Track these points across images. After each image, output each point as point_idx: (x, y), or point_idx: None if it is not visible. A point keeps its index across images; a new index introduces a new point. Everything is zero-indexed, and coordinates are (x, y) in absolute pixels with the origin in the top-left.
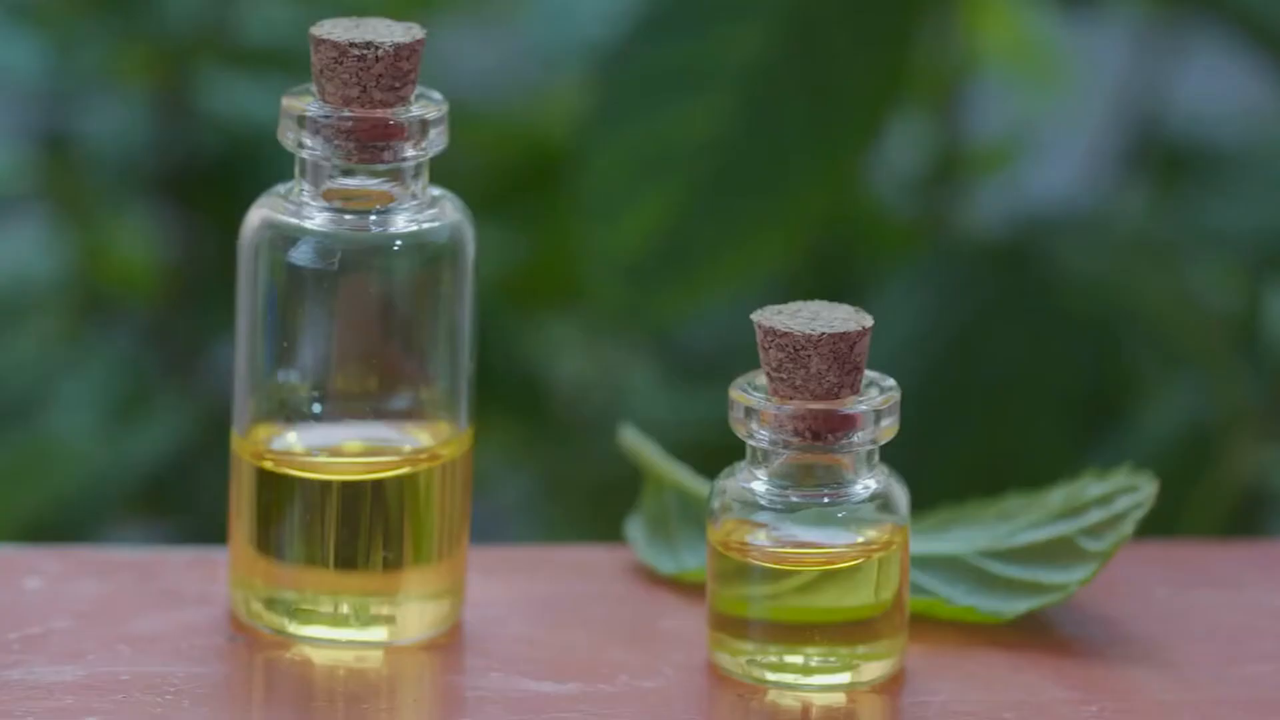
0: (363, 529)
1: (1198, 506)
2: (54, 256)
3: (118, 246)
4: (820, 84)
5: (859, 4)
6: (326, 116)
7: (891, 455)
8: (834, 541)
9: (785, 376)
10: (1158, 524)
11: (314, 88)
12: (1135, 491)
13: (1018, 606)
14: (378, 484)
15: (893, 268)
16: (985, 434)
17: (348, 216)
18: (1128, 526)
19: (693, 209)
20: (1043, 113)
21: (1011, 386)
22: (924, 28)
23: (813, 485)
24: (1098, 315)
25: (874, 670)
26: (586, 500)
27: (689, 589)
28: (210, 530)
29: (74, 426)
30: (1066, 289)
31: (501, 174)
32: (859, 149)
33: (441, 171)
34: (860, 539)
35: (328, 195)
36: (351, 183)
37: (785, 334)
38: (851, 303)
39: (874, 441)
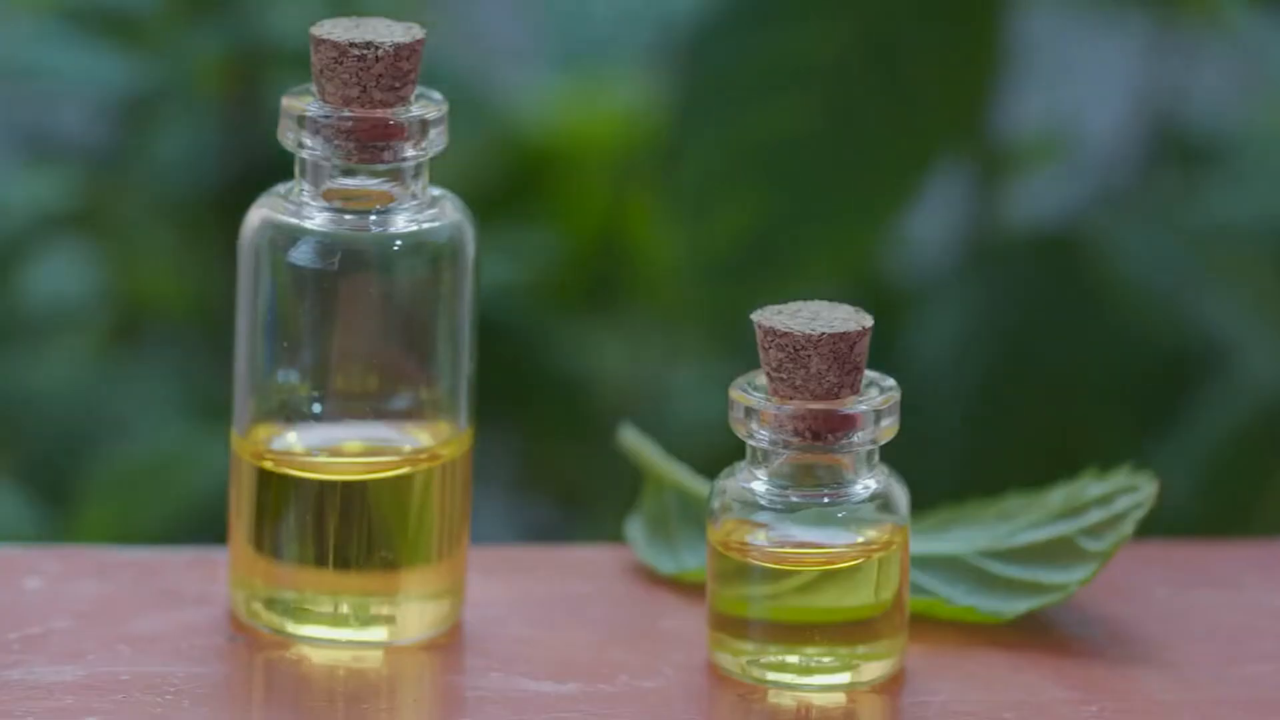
0: (363, 529)
1: (1276, 493)
2: (113, 272)
3: (185, 261)
4: (901, 82)
5: (938, 2)
6: (326, 116)
7: (957, 450)
8: (834, 541)
9: (785, 376)
10: (1232, 516)
11: (314, 88)
12: (1135, 491)
13: (1018, 606)
14: (378, 484)
15: (942, 266)
16: (1051, 426)
17: (348, 216)
18: (1128, 526)
19: (780, 207)
20: (1060, 113)
21: (1074, 378)
22: (999, 28)
23: (813, 485)
24: (1156, 302)
25: (874, 670)
26: (627, 503)
27: (689, 589)
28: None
29: (163, 441)
30: (1122, 276)
31: (513, 174)
32: (939, 148)
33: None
34: (860, 539)
35: (328, 195)
36: (351, 183)
37: (785, 334)
38: (908, 302)
39: (874, 441)
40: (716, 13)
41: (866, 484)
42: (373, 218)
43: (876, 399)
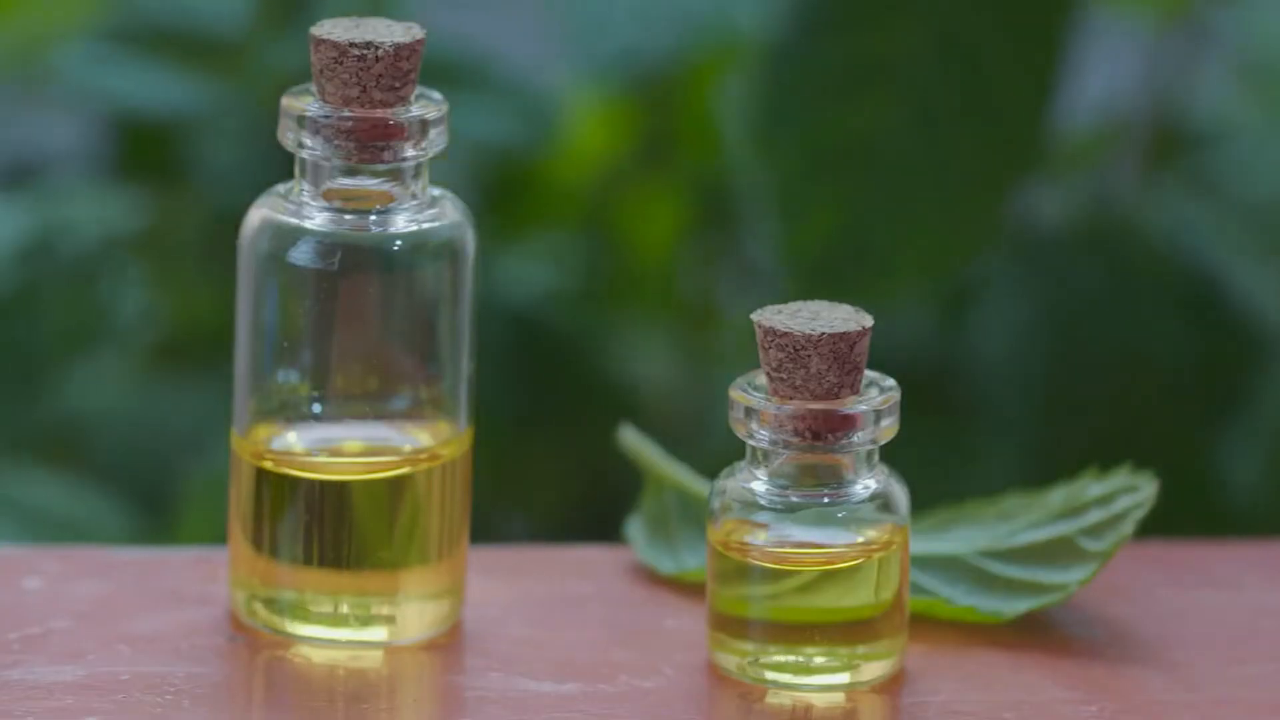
0: (362, 529)
1: None
2: (166, 291)
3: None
4: (982, 81)
5: (1012, 3)
6: (326, 116)
7: (1027, 442)
8: (834, 541)
9: (785, 376)
10: None
11: (314, 88)
12: (1135, 491)
13: (1018, 606)
14: (377, 484)
15: (992, 260)
16: (1114, 416)
17: (348, 216)
18: (1128, 526)
19: (866, 207)
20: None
21: (1133, 367)
22: (1068, 26)
23: (813, 485)
24: (1206, 287)
25: (874, 670)
26: None
27: (689, 589)
28: None
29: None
30: (1172, 262)
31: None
32: (1020, 150)
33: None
34: (860, 539)
35: (328, 195)
36: (351, 183)
37: (785, 334)
38: (964, 296)
39: (874, 441)
40: (796, 15)
41: (866, 484)
42: (373, 218)
43: (876, 399)
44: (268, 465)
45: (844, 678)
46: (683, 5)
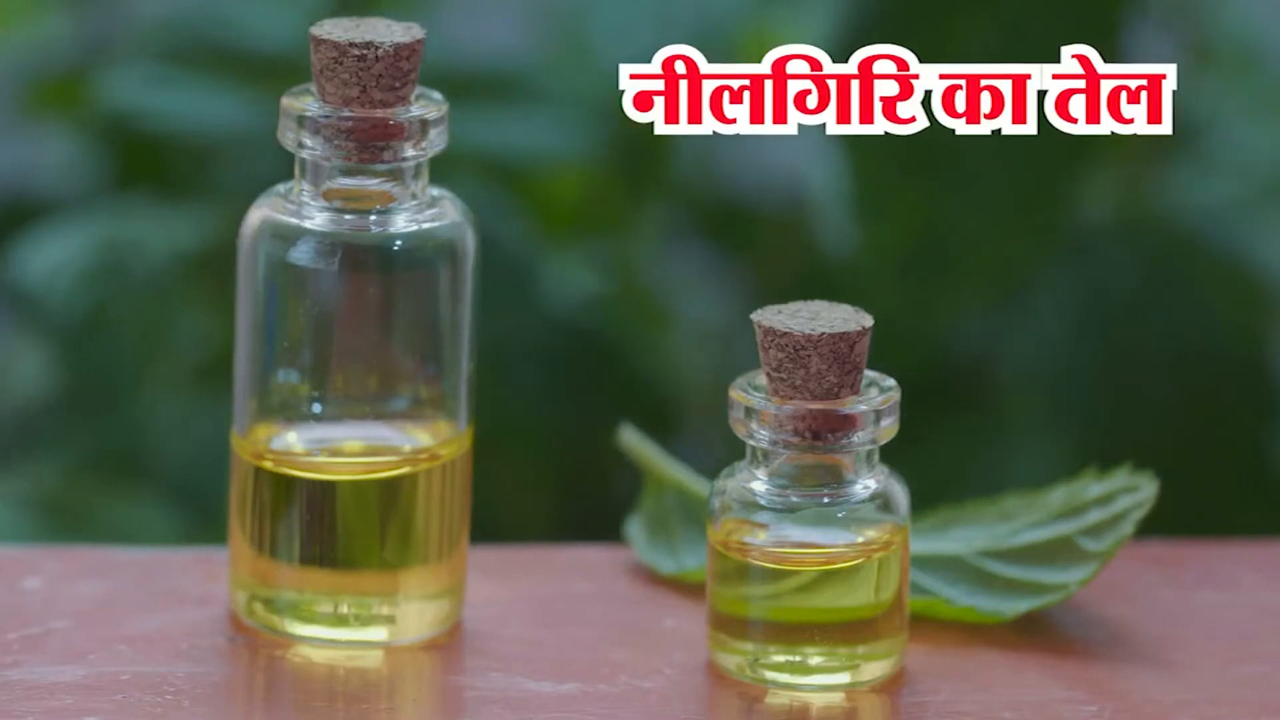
0: (362, 529)
1: None
2: (208, 308)
3: None
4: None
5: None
6: (326, 116)
7: (1081, 434)
8: (834, 541)
9: (785, 376)
10: None
11: (314, 88)
12: (1135, 491)
13: (1018, 606)
14: (377, 484)
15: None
16: (1165, 408)
17: (348, 216)
18: (1128, 526)
19: (946, 206)
20: None
21: (1181, 357)
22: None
23: (813, 485)
24: (1241, 268)
25: (874, 670)
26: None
27: (689, 589)
28: None
29: None
30: (1205, 250)
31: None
32: (1084, 147)
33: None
34: (860, 539)
35: (328, 195)
36: (351, 182)
37: (785, 334)
38: (1014, 290)
39: (874, 441)
40: (860, 15)
41: (866, 484)
42: (373, 218)
43: (876, 399)
44: (267, 465)
45: (844, 678)
46: (697, 10)
